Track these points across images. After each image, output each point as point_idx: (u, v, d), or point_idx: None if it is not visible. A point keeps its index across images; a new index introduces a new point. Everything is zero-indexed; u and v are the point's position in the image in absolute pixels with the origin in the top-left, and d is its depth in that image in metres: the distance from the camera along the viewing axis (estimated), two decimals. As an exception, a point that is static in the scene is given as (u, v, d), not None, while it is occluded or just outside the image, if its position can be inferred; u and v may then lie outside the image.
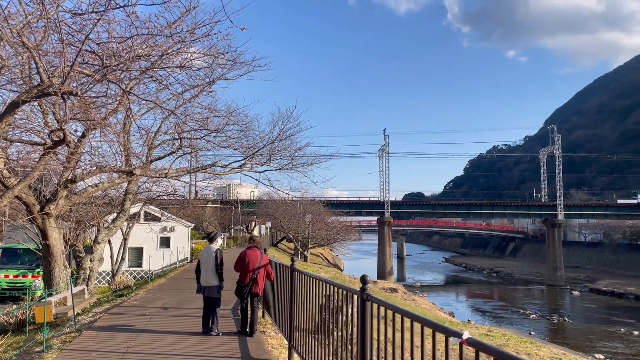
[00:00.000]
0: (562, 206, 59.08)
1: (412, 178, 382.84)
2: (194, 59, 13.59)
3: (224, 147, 17.82)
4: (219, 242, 9.63)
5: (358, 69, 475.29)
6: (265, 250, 9.12)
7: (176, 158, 15.69)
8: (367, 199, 63.51)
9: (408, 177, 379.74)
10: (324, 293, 5.71)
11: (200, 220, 47.97)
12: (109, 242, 21.76)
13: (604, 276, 61.56)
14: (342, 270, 61.57)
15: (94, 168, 14.09)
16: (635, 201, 61.53)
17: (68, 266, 14.97)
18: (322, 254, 65.26)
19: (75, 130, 14.88)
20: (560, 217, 59.38)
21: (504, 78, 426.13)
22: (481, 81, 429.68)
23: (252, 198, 54.24)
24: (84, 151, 14.03)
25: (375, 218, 67.81)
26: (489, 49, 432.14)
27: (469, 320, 34.20)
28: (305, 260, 43.73)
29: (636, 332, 31.62)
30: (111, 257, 21.77)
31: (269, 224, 51.36)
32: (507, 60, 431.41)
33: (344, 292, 4.86)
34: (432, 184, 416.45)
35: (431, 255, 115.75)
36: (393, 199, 60.67)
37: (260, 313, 10.53)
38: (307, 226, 43.53)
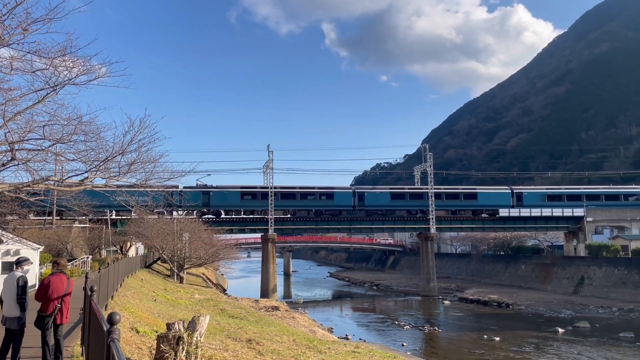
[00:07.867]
0: (433, 220, 62.77)
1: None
2: (30, 60, 11.96)
3: (72, 160, 16.01)
4: (24, 269, 8.33)
5: (242, 87, 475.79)
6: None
7: (1, 170, 13.67)
8: (251, 215, 62.34)
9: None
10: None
11: (64, 242, 43.57)
12: None
13: (472, 285, 66.22)
14: (225, 290, 59.46)
15: None
16: (496, 215, 67.19)
17: None
18: (204, 274, 62.57)
19: None
20: (433, 230, 63.02)
21: (384, 100, 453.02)
22: (363, 102, 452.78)
23: (124, 216, 50.57)
24: None
25: (260, 235, 66.80)
26: (366, 74, 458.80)
27: (346, 335, 34.40)
28: (181, 282, 41.35)
29: (497, 338, 33.81)
30: None
31: (139, 244, 47.93)
32: (382, 85, 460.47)
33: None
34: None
35: (317, 271, 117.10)
36: (277, 216, 60.22)
37: (79, 350, 9.15)
38: (183, 245, 41.25)
